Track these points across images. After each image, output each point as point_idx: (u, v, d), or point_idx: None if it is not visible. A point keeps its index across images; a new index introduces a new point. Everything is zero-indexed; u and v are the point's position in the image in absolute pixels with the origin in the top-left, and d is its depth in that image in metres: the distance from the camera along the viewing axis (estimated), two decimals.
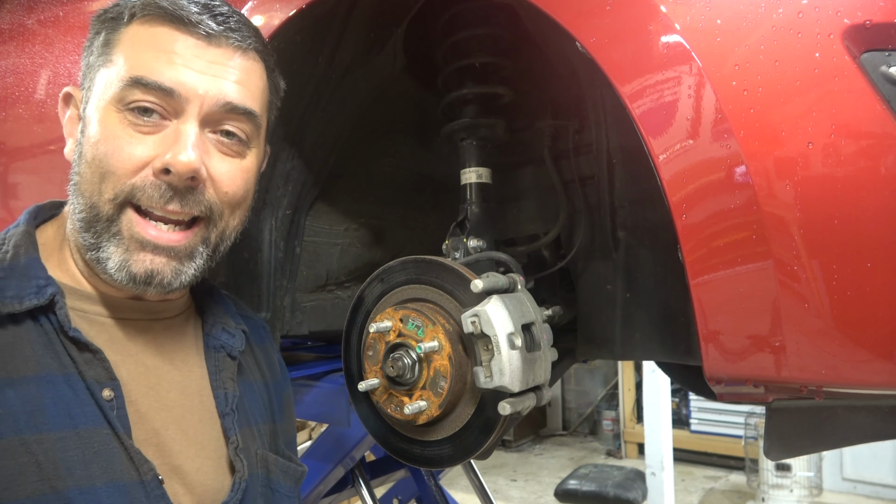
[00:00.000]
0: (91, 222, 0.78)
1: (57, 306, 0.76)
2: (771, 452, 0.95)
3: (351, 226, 1.60)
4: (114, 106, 0.77)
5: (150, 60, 0.77)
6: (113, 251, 0.78)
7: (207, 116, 0.79)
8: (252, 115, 0.83)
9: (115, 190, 0.77)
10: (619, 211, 1.29)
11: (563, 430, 7.85)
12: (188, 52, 0.78)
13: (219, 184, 0.81)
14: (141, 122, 0.77)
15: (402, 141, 1.63)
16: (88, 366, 0.76)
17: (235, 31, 0.82)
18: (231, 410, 0.88)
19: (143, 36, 0.79)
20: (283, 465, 0.95)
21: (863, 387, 0.80)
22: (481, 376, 0.98)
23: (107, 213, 0.77)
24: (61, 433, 0.72)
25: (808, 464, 4.81)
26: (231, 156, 0.83)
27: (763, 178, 0.78)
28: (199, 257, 0.83)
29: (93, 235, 0.78)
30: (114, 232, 0.78)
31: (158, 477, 0.77)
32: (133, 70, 0.77)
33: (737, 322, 0.83)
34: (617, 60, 0.87)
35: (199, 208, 0.80)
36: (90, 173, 0.78)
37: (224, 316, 0.97)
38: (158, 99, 0.77)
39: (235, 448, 0.86)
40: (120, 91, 0.77)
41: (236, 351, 0.94)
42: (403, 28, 1.32)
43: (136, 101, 0.77)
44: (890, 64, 0.74)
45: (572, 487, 4.69)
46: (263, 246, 1.39)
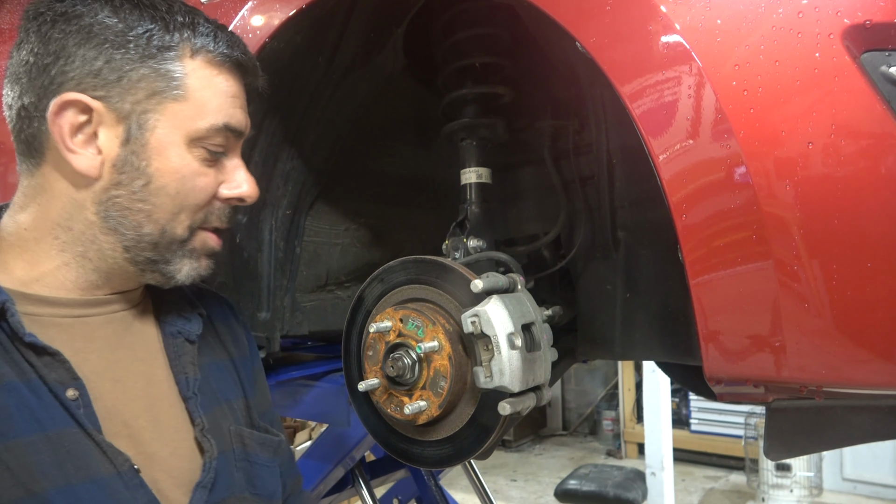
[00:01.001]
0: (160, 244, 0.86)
1: (8, 314, 0.76)
2: (771, 452, 0.95)
3: (351, 226, 1.60)
4: (193, 142, 0.85)
5: (229, 106, 0.87)
6: (185, 263, 0.89)
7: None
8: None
9: (192, 218, 0.87)
10: (619, 211, 1.29)
11: (563, 430, 7.86)
12: (240, 94, 0.90)
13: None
14: (211, 157, 0.87)
15: (402, 141, 1.63)
16: (49, 369, 0.77)
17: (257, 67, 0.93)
18: (193, 394, 0.90)
19: (218, 81, 0.86)
20: (259, 438, 0.97)
21: (863, 387, 0.80)
22: (481, 376, 0.98)
23: (182, 236, 0.87)
24: (30, 438, 0.72)
25: (808, 464, 4.81)
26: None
27: (763, 178, 0.78)
28: None
29: (159, 254, 0.86)
30: (188, 249, 0.88)
31: (134, 467, 0.78)
32: (220, 117, 0.86)
33: (737, 322, 0.83)
34: (617, 60, 0.87)
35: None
36: (171, 205, 0.85)
37: (179, 302, 0.98)
38: (230, 139, 0.88)
39: (202, 430, 0.88)
40: (206, 132, 0.85)
41: (194, 335, 0.96)
42: (403, 28, 1.32)
43: (219, 144, 0.87)
44: (890, 64, 0.74)
45: (572, 487, 4.69)
46: (263, 246, 1.39)
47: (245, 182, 0.91)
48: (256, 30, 1.19)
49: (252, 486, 0.92)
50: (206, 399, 0.92)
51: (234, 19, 1.23)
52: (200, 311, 1.00)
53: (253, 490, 0.92)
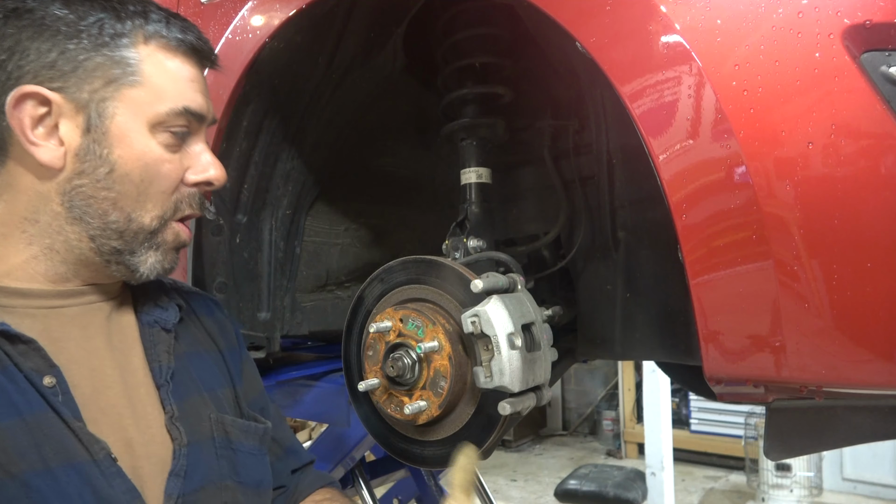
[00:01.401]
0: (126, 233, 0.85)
1: None
2: (771, 452, 0.95)
3: (351, 226, 1.60)
4: (154, 128, 0.85)
5: (188, 90, 0.87)
6: (150, 255, 0.88)
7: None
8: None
9: (162, 207, 0.87)
10: (619, 211, 1.29)
11: (563, 430, 7.85)
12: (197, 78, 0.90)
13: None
14: (175, 142, 0.86)
15: (402, 141, 1.63)
16: (24, 357, 0.77)
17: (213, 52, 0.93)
18: (165, 381, 0.91)
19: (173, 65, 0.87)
20: (243, 426, 0.97)
21: (863, 387, 0.80)
22: (481, 376, 0.98)
23: (152, 226, 0.87)
24: (8, 423, 0.73)
25: (808, 464, 4.81)
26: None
27: (763, 178, 0.78)
28: None
29: (125, 243, 0.86)
30: (156, 241, 0.88)
31: (111, 455, 0.78)
32: (179, 101, 0.86)
33: (737, 322, 0.83)
34: (617, 60, 0.87)
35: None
36: (136, 192, 0.85)
37: (156, 292, 0.99)
38: (190, 122, 0.88)
39: (171, 417, 0.88)
40: (166, 116, 0.85)
41: (170, 324, 0.96)
42: (403, 28, 1.32)
43: (180, 126, 0.86)
44: (890, 64, 0.74)
45: (572, 487, 4.68)
46: (263, 246, 1.39)
47: (212, 166, 0.90)
48: (256, 30, 1.19)
49: (236, 474, 0.92)
50: (182, 387, 0.92)
51: (234, 19, 1.23)
52: (178, 301, 1.01)
53: (237, 478, 0.92)
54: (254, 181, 1.34)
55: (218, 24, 1.24)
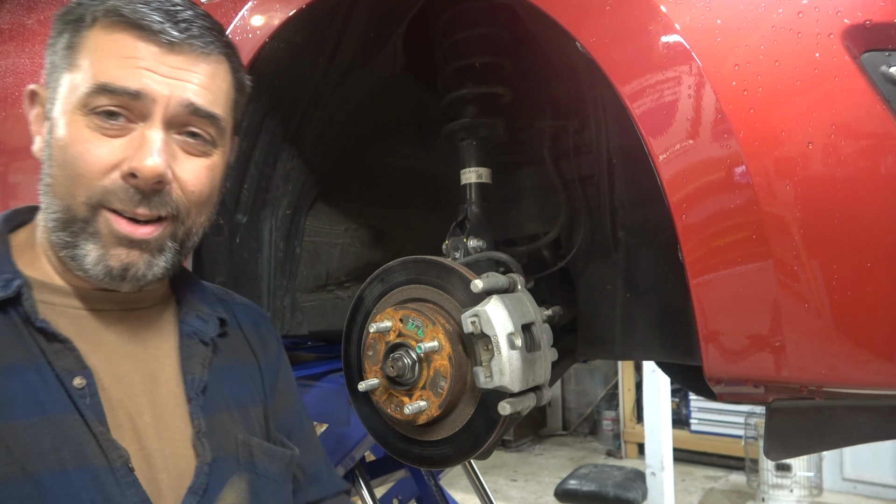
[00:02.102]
0: (67, 222, 0.80)
1: (23, 297, 0.78)
2: (771, 452, 0.95)
3: (351, 226, 1.60)
4: (80, 110, 0.79)
5: (115, 67, 0.79)
6: (91, 248, 0.80)
7: (172, 119, 0.82)
8: (215, 118, 0.86)
9: (87, 193, 0.79)
10: (619, 211, 1.29)
11: (563, 430, 7.85)
12: (151, 59, 0.80)
13: (185, 184, 0.83)
14: (107, 125, 0.79)
15: (402, 141, 1.63)
16: (58, 356, 0.77)
17: (198, 38, 0.83)
18: (196, 395, 0.89)
19: (107, 42, 0.81)
20: (268, 450, 0.95)
21: (863, 387, 0.80)
22: (481, 376, 0.98)
23: (83, 214, 0.80)
24: (31, 420, 0.73)
25: (808, 464, 4.81)
26: (197, 155, 0.85)
27: (763, 178, 0.78)
28: (169, 251, 0.85)
29: (69, 234, 0.80)
30: (91, 231, 0.80)
31: (129, 465, 0.78)
32: (98, 76, 0.78)
33: (737, 322, 0.83)
34: (617, 60, 0.87)
35: (166, 209, 0.83)
36: (62, 176, 0.80)
37: (199, 304, 0.98)
38: (124, 103, 0.79)
39: (198, 433, 0.87)
40: (86, 97, 0.79)
41: (208, 337, 0.95)
42: (403, 28, 1.32)
43: (102, 106, 0.79)
44: (890, 64, 0.74)
45: (572, 487, 4.68)
46: (263, 246, 1.39)
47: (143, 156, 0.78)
48: (256, 30, 1.19)
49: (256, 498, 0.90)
50: (212, 402, 0.91)
51: (234, 19, 1.23)
52: (221, 314, 0.99)
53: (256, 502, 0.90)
54: (254, 181, 1.34)
55: None
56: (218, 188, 0.91)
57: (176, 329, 0.94)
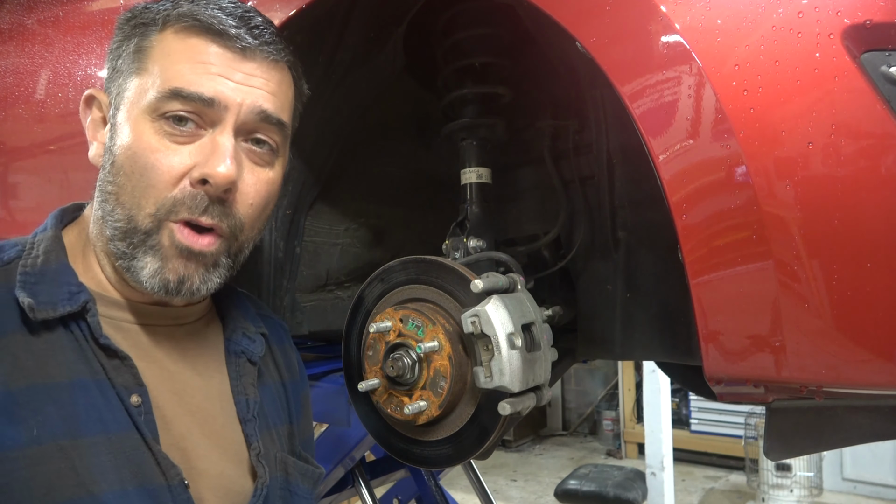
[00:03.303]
0: (128, 233, 0.78)
1: (89, 314, 0.77)
2: (771, 452, 0.95)
3: (351, 226, 1.60)
4: (148, 115, 0.78)
5: (189, 72, 0.77)
6: (149, 260, 0.78)
7: (242, 126, 0.80)
8: (283, 125, 0.85)
9: (156, 204, 0.77)
10: (619, 211, 1.29)
11: (563, 430, 7.85)
12: (225, 65, 0.79)
13: (245, 196, 0.82)
14: (177, 131, 0.77)
15: (402, 141, 1.63)
16: (117, 372, 0.77)
17: (270, 45, 0.83)
18: (253, 417, 0.89)
19: (180, 47, 0.79)
20: (302, 468, 0.95)
21: (863, 387, 0.80)
22: (481, 376, 0.98)
23: (146, 226, 0.78)
24: (94, 438, 0.73)
25: (808, 464, 4.81)
26: (261, 165, 0.84)
27: (763, 178, 0.78)
28: (223, 267, 0.84)
29: (128, 245, 0.79)
30: (151, 244, 0.78)
31: (184, 482, 0.77)
32: (172, 81, 0.77)
33: (737, 322, 0.83)
34: (617, 60, 0.87)
35: (227, 222, 0.81)
36: (131, 186, 0.78)
37: (244, 321, 0.97)
38: (196, 109, 0.78)
39: (258, 454, 0.87)
40: (156, 101, 0.77)
41: (257, 356, 0.94)
42: (403, 28, 1.32)
43: (173, 111, 0.77)
44: (890, 64, 0.74)
45: (572, 487, 4.68)
46: (263, 246, 1.39)
47: (216, 163, 0.76)
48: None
49: None
50: (262, 423, 0.91)
51: None
52: (263, 331, 0.98)
53: None
54: None
55: None
56: (273, 204, 0.89)
57: (220, 346, 0.93)
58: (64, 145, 1.63)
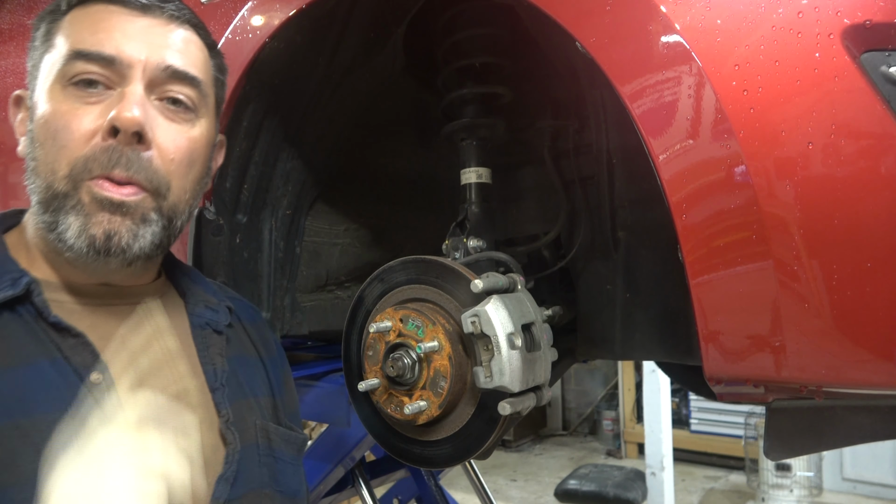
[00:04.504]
0: (49, 201, 0.79)
1: (34, 294, 0.78)
2: (771, 452, 0.95)
3: (351, 226, 1.60)
4: (59, 83, 0.79)
5: (88, 34, 0.80)
6: (72, 220, 0.78)
7: (151, 81, 0.81)
8: (195, 80, 0.85)
9: (69, 164, 0.78)
10: (619, 211, 1.29)
11: (563, 430, 7.86)
12: (125, 23, 0.81)
13: (164, 151, 0.82)
14: (86, 93, 0.79)
15: (402, 141, 1.63)
16: (73, 351, 0.77)
17: (169, 2, 0.85)
18: (221, 385, 0.89)
19: (81, 17, 0.82)
20: (285, 434, 0.96)
21: (863, 387, 0.80)
22: (481, 376, 0.98)
23: (63, 189, 0.78)
24: (53, 415, 0.73)
25: (808, 464, 4.81)
26: (178, 122, 0.84)
27: (763, 178, 0.78)
28: (153, 224, 0.82)
29: (51, 214, 0.79)
30: (72, 205, 0.78)
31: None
32: (74, 45, 0.79)
33: (737, 322, 0.83)
34: (617, 60, 0.87)
35: (144, 175, 0.80)
36: (44, 153, 0.79)
37: (205, 294, 0.98)
38: (101, 69, 0.79)
39: (226, 421, 0.87)
40: (63, 67, 0.79)
41: (222, 325, 0.95)
42: (403, 28, 1.32)
43: (79, 74, 0.78)
44: (890, 64, 0.74)
45: (572, 487, 4.68)
46: (263, 246, 1.39)
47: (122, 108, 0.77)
48: (256, 30, 1.19)
49: (275, 482, 0.91)
50: (232, 391, 0.91)
51: (233, 19, 1.23)
52: (227, 303, 0.99)
53: (276, 486, 0.91)
54: (254, 181, 1.34)
55: (218, 24, 1.24)
56: (201, 163, 0.88)
57: (185, 320, 0.93)
58: None
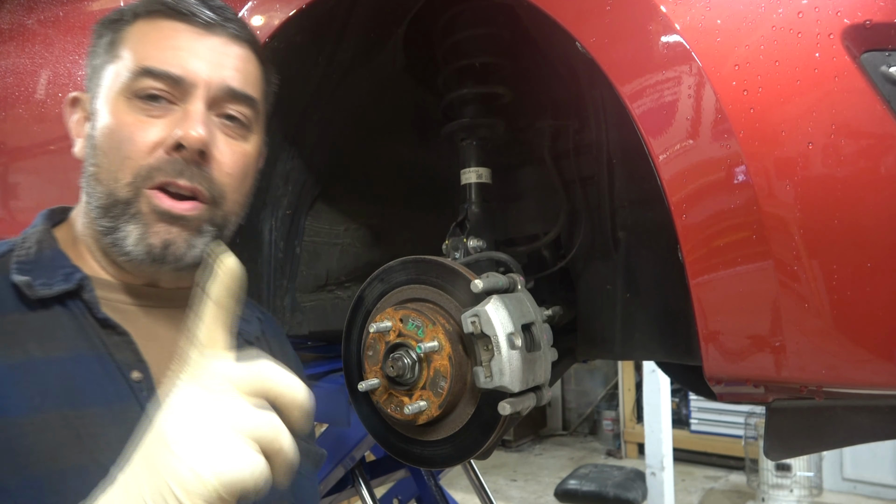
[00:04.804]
0: (109, 208, 0.82)
1: (84, 290, 0.80)
2: (771, 452, 0.95)
3: (351, 226, 1.60)
4: (123, 95, 0.82)
5: (157, 51, 0.83)
6: (132, 229, 0.81)
7: (212, 100, 0.85)
8: (252, 100, 0.89)
9: (132, 174, 0.81)
10: (619, 211, 1.29)
11: (563, 430, 7.85)
12: (191, 42, 0.84)
13: (222, 165, 0.86)
14: (150, 107, 0.82)
15: (402, 141, 1.63)
16: (117, 348, 0.79)
17: (231, 22, 0.88)
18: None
19: (147, 30, 0.85)
20: (304, 448, 0.96)
21: (863, 387, 0.80)
22: (481, 376, 0.98)
23: (125, 196, 0.81)
24: (97, 409, 0.75)
25: (808, 464, 4.81)
26: (234, 138, 0.88)
27: (763, 178, 0.78)
28: (208, 234, 0.86)
29: (110, 220, 0.82)
30: (132, 213, 0.82)
31: None
32: (142, 61, 0.82)
33: (737, 322, 0.83)
34: (617, 60, 0.87)
35: (205, 185, 0.84)
36: (107, 162, 0.82)
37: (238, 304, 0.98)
38: (166, 86, 0.82)
39: None
40: (129, 81, 0.82)
41: (252, 336, 0.97)
42: (403, 28, 1.32)
43: (145, 90, 0.82)
44: (890, 64, 0.74)
45: (572, 487, 4.68)
46: (263, 246, 1.39)
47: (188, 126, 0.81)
48: (256, 30, 1.19)
49: (292, 494, 0.91)
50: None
51: None
52: (258, 314, 1.01)
53: (293, 499, 0.91)
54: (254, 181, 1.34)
55: None
56: (251, 178, 0.93)
57: None
58: (64, 145, 1.63)
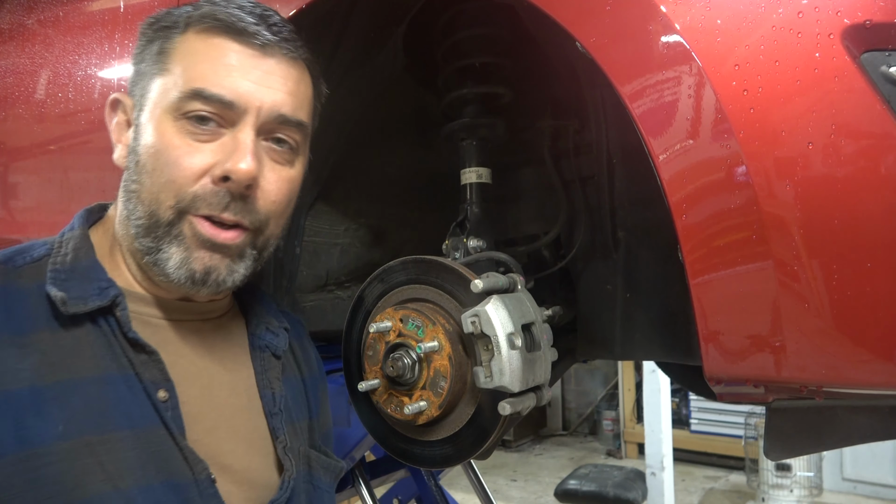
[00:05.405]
0: (151, 228, 0.80)
1: (118, 308, 0.78)
2: (771, 452, 0.95)
3: (351, 226, 1.60)
4: (171, 114, 0.79)
5: (209, 72, 0.79)
6: (174, 251, 0.79)
7: (262, 126, 0.82)
8: (302, 125, 0.87)
9: (176, 198, 0.78)
10: (619, 211, 1.29)
11: (563, 430, 7.86)
12: (245, 63, 0.81)
13: (268, 194, 0.83)
14: (199, 130, 0.79)
15: (401, 141, 1.63)
16: (144, 367, 0.78)
17: (288, 42, 0.84)
18: (279, 410, 0.89)
19: (200, 46, 0.80)
20: (324, 462, 0.96)
21: (863, 387, 0.80)
22: (481, 376, 0.98)
23: (168, 218, 0.79)
24: (121, 433, 0.73)
25: (808, 464, 4.81)
26: (281, 164, 0.85)
27: (763, 178, 0.78)
28: (249, 258, 0.85)
29: (152, 240, 0.80)
30: (175, 234, 0.79)
31: (211, 476, 0.78)
32: (192, 81, 0.78)
33: (737, 322, 0.83)
34: (617, 60, 0.87)
35: (249, 218, 0.82)
36: (150, 182, 0.79)
37: (267, 316, 0.98)
38: (217, 109, 0.79)
39: (284, 447, 0.87)
40: (178, 101, 0.78)
41: (280, 350, 0.96)
42: (404, 28, 1.32)
43: (195, 111, 0.78)
44: (890, 64, 0.74)
45: (572, 487, 4.68)
46: None
47: (237, 159, 0.77)
48: None
49: None
50: (286, 416, 0.91)
51: None
52: (286, 325, 0.99)
53: None
54: None
55: None
56: (294, 199, 0.90)
57: (245, 340, 0.94)
58: (64, 145, 1.64)
